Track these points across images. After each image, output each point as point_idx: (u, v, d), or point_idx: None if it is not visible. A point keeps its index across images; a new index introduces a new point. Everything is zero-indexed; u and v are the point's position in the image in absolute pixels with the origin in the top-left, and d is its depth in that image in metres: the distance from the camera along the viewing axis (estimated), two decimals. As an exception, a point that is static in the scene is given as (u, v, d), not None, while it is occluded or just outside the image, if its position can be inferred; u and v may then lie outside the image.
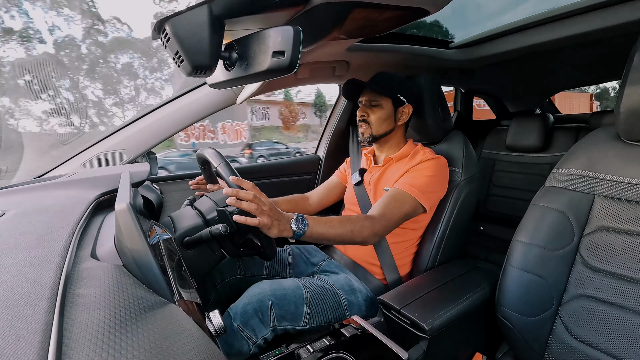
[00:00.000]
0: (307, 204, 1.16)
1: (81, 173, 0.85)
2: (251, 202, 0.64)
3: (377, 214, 0.83)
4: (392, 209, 0.85)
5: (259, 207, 0.64)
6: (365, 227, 0.78)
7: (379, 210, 0.84)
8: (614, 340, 0.61)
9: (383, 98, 0.98)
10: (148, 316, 0.33)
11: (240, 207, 0.64)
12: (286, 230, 0.68)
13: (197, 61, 0.47)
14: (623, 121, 0.63)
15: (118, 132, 1.06)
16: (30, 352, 0.23)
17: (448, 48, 1.43)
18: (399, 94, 0.97)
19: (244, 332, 0.74)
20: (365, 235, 0.78)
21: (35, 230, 0.45)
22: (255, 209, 0.63)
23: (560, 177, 0.72)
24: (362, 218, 0.81)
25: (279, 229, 0.67)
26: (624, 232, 0.62)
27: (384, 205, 0.85)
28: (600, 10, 1.01)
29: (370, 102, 0.99)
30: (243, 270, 0.98)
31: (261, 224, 0.64)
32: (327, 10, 0.66)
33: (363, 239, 0.79)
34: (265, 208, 0.65)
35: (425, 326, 0.70)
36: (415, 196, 0.88)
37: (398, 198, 0.87)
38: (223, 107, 1.14)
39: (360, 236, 0.78)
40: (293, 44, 0.45)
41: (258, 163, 1.51)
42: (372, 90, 0.99)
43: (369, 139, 1.01)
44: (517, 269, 0.71)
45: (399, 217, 0.86)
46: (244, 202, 0.64)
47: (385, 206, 0.85)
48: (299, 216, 0.71)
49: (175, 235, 0.79)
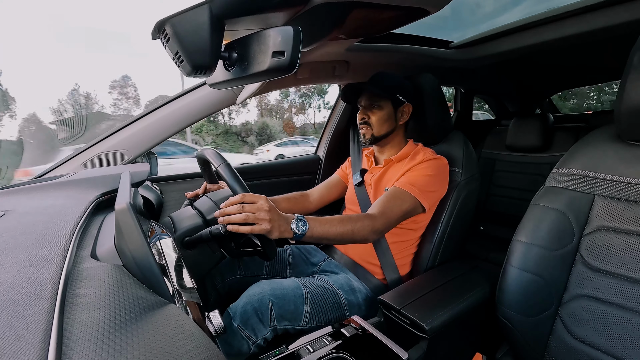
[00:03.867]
0: (307, 201, 1.16)
1: (81, 173, 0.85)
2: (241, 213, 0.64)
3: (377, 212, 0.83)
4: (392, 207, 0.85)
5: (254, 215, 0.64)
6: (365, 225, 0.78)
7: (378, 208, 0.84)
8: (614, 340, 0.61)
9: (382, 99, 0.98)
10: (148, 316, 0.33)
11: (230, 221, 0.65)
12: (287, 232, 0.68)
13: (197, 61, 0.47)
14: (623, 121, 0.63)
15: (118, 132, 1.05)
16: (30, 352, 0.23)
17: (448, 48, 1.43)
18: (398, 94, 0.98)
19: (243, 332, 0.74)
20: (366, 234, 0.78)
21: (35, 230, 0.45)
22: (246, 218, 0.64)
23: (560, 177, 0.72)
24: (363, 217, 0.80)
25: (280, 230, 0.67)
26: (624, 232, 0.62)
27: (383, 203, 0.85)
28: (599, 10, 1.01)
29: (370, 104, 0.99)
30: (243, 270, 0.98)
31: (258, 230, 0.65)
32: (327, 10, 0.66)
33: (363, 238, 0.79)
34: (261, 214, 0.65)
35: (425, 326, 0.70)
36: (415, 195, 0.88)
37: (398, 196, 0.87)
38: (223, 107, 1.14)
39: (361, 235, 0.78)
40: (293, 44, 0.45)
41: (258, 163, 1.50)
42: (371, 92, 0.99)
43: (371, 141, 1.01)
44: (517, 269, 0.71)
45: (398, 215, 0.86)
46: (233, 216, 0.64)
47: (384, 204, 0.85)
48: (299, 217, 0.71)
49: (175, 235, 0.79)
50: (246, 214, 0.64)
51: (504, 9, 7.99)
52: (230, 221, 0.64)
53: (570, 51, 1.42)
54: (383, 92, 0.96)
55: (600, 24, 1.02)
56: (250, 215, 0.64)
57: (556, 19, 1.11)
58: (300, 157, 1.60)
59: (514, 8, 10.20)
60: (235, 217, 0.64)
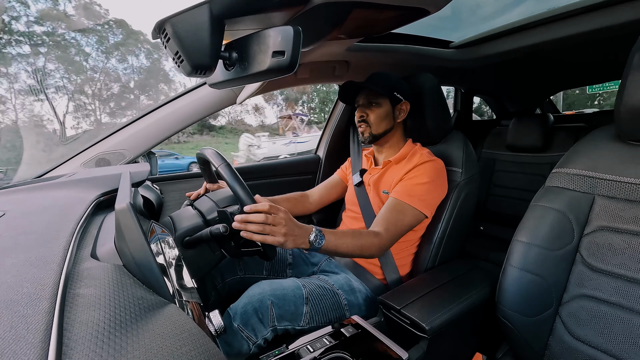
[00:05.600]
0: (307, 202, 1.16)
1: (81, 173, 0.85)
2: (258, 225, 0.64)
3: (383, 230, 0.84)
4: (396, 222, 0.86)
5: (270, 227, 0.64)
6: (373, 243, 0.81)
7: (383, 225, 0.85)
8: (614, 340, 0.61)
9: (380, 97, 0.98)
10: (148, 316, 0.33)
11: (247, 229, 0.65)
12: (303, 244, 0.69)
13: (197, 61, 0.47)
14: (623, 121, 0.63)
15: (118, 132, 1.06)
16: (30, 352, 0.23)
17: (448, 48, 1.43)
18: (396, 92, 0.98)
19: (243, 332, 0.74)
20: (373, 251, 0.82)
21: (35, 230, 0.45)
22: (262, 229, 0.64)
23: (560, 177, 0.72)
24: (371, 234, 0.82)
25: (295, 242, 0.67)
26: (624, 231, 0.62)
27: (387, 220, 0.86)
28: (600, 10, 1.01)
29: (369, 102, 1.00)
30: (243, 270, 0.98)
31: (271, 241, 0.65)
32: (327, 10, 0.66)
33: (370, 254, 0.82)
34: (277, 228, 0.65)
35: (425, 326, 0.70)
36: (415, 206, 0.88)
37: (400, 210, 0.88)
38: (223, 107, 1.14)
39: (368, 252, 0.81)
40: (293, 44, 0.45)
41: (258, 163, 1.50)
42: (369, 90, 0.99)
43: (370, 139, 1.01)
44: (517, 269, 0.71)
45: (402, 230, 0.87)
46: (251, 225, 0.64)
47: (388, 221, 0.86)
48: (318, 230, 0.72)
49: (175, 235, 0.79)
50: (263, 226, 0.64)
51: (503, 11, 7.95)
52: (246, 229, 0.65)
53: (570, 51, 1.42)
54: (381, 90, 0.96)
55: (600, 24, 1.02)
56: (267, 227, 0.65)
57: (556, 19, 1.11)
58: (300, 157, 1.60)
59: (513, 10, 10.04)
60: (253, 227, 0.64)
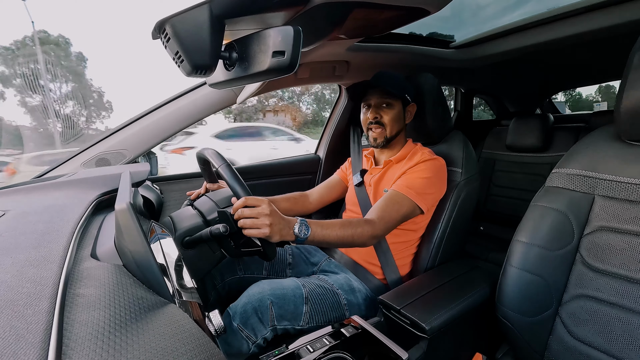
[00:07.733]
0: (307, 202, 1.16)
1: (81, 173, 0.85)
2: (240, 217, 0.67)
3: (376, 218, 0.83)
4: (390, 211, 0.85)
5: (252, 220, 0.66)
6: (365, 231, 0.80)
7: (377, 213, 0.85)
8: (613, 340, 0.61)
9: (394, 97, 0.97)
10: (148, 316, 0.33)
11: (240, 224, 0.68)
12: (288, 236, 0.69)
13: (197, 61, 0.47)
14: (623, 121, 0.63)
15: (118, 132, 1.06)
16: (30, 352, 0.23)
17: (448, 48, 1.43)
18: (406, 94, 0.97)
19: (243, 332, 0.74)
20: (365, 239, 0.80)
21: (35, 230, 0.45)
22: (252, 224, 0.66)
23: (560, 177, 0.72)
24: (363, 222, 0.81)
25: (281, 234, 0.68)
26: (624, 232, 0.62)
27: (381, 208, 0.86)
28: (600, 10, 1.01)
29: (382, 103, 0.98)
30: (243, 270, 0.98)
31: (257, 234, 0.66)
32: (327, 10, 0.66)
33: (362, 243, 0.81)
34: (260, 219, 0.66)
35: (425, 326, 0.70)
36: (412, 198, 0.88)
37: (396, 200, 0.88)
38: (223, 107, 1.14)
39: (360, 240, 0.79)
40: (293, 44, 0.45)
41: (258, 163, 1.50)
42: (382, 90, 0.97)
43: (384, 143, 0.99)
44: (517, 269, 0.71)
45: (397, 219, 0.86)
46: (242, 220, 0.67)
47: (383, 209, 0.85)
48: (302, 221, 0.72)
49: (175, 235, 0.79)
50: (244, 220, 0.66)
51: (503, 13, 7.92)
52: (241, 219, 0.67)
53: (570, 51, 1.42)
54: (396, 91, 0.94)
55: (600, 24, 1.02)
56: (247, 221, 0.66)
57: (556, 19, 1.11)
58: (300, 157, 1.60)
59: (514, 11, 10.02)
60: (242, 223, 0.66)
